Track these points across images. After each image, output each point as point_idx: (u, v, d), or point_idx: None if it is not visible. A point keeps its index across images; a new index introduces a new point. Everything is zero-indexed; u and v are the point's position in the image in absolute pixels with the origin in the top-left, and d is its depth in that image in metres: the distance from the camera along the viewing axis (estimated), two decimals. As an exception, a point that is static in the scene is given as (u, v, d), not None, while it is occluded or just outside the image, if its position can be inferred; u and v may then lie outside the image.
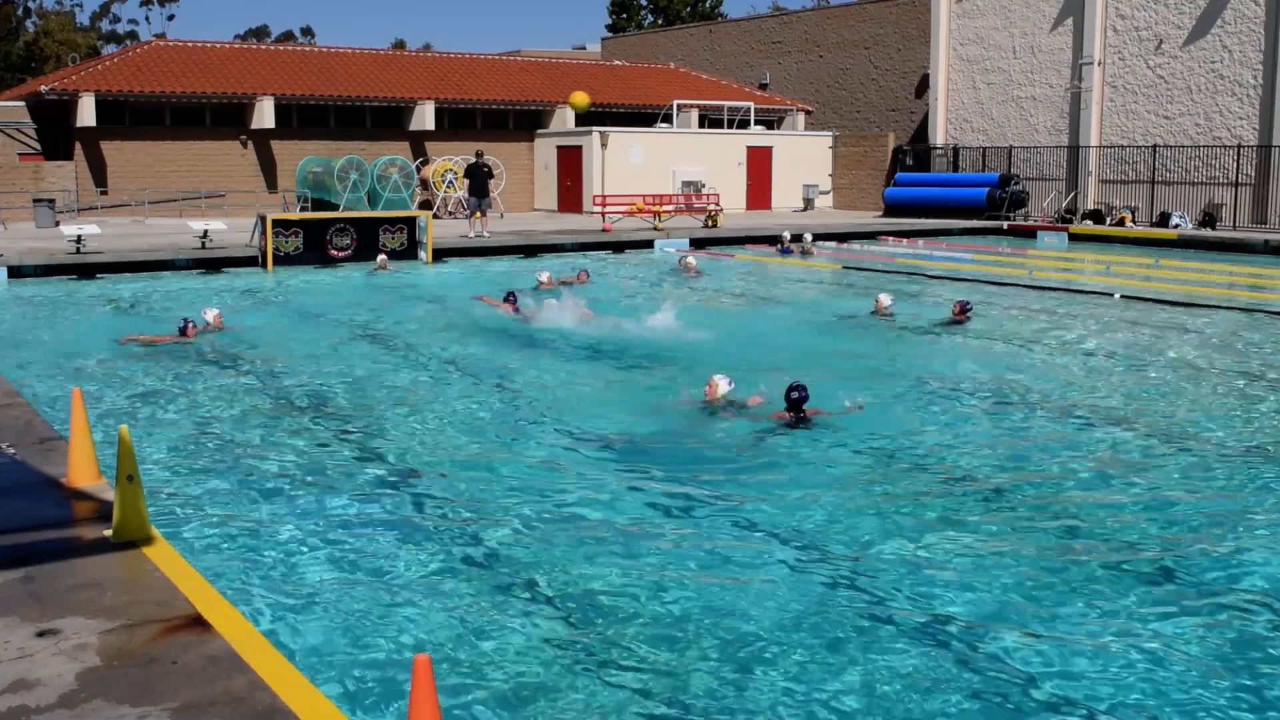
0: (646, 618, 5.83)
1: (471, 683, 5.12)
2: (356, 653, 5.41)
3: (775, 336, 14.71)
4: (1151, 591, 6.20)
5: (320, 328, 14.92)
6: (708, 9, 69.71)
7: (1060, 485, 8.23)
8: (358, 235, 22.86)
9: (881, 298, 15.85)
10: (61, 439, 7.50)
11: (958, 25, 37.28)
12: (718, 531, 7.12)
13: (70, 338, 14.10)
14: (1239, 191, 30.41)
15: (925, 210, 34.61)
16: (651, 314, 14.83)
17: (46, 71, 62.44)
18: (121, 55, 36.01)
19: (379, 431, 9.64)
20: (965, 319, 15.18)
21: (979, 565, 6.56)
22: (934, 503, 7.73)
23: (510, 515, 7.43)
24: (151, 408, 10.36)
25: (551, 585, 6.26)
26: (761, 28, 48.58)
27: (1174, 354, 13.44)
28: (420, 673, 3.38)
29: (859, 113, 43.68)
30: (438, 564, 6.57)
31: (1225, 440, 9.44)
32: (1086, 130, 33.78)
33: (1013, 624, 5.77)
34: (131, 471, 5.60)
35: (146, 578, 5.23)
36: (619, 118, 38.47)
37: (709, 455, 8.88)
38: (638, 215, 29.31)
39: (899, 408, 10.60)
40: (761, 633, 5.63)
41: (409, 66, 38.55)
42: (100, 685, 4.15)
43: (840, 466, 8.63)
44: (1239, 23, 30.44)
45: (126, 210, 31.88)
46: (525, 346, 13.61)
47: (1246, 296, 18.52)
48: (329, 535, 7.01)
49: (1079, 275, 22.60)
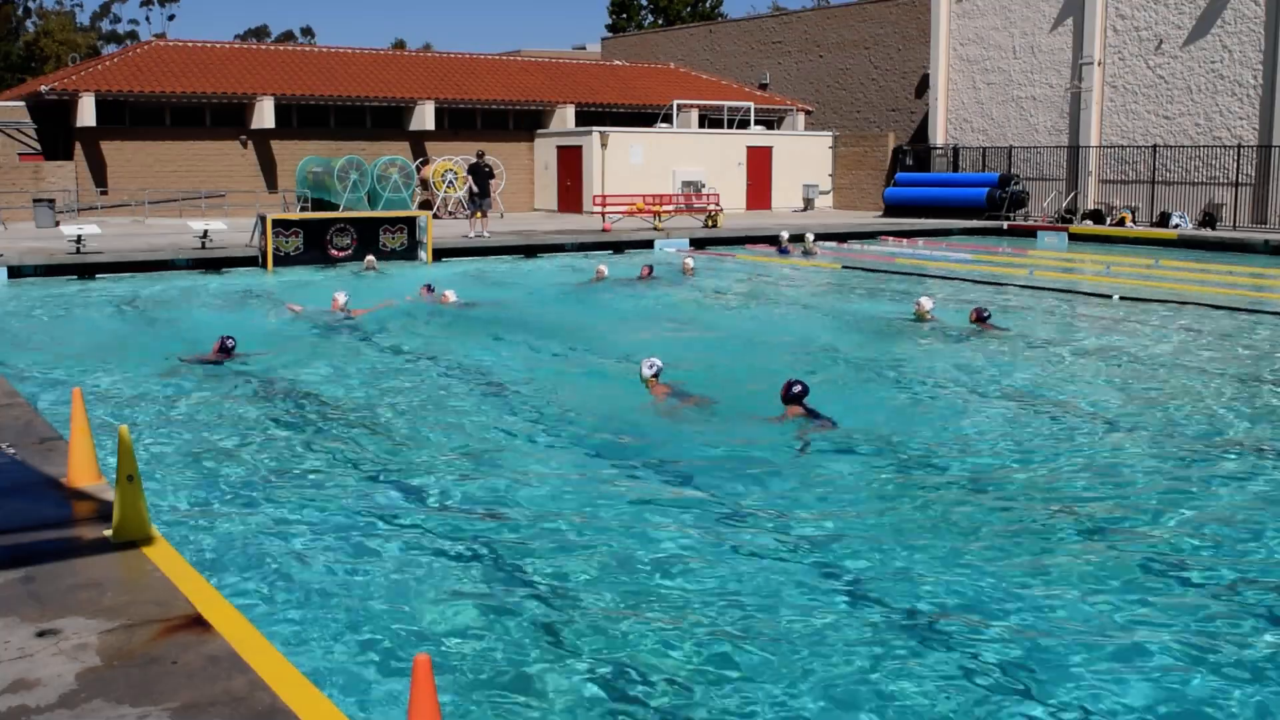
0: (648, 617, 5.83)
1: (472, 683, 5.12)
2: (356, 653, 5.41)
3: (772, 336, 14.70)
4: (1151, 590, 6.20)
5: (320, 328, 14.91)
6: (708, 9, 69.71)
7: (1057, 483, 8.23)
8: (358, 235, 22.86)
9: (923, 301, 15.31)
10: (61, 439, 7.50)
11: (958, 25, 37.28)
12: (716, 527, 7.12)
13: (70, 338, 14.09)
14: (1239, 191, 30.41)
15: (925, 210, 34.61)
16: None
17: (46, 71, 62.45)
18: (121, 55, 36.01)
19: (379, 432, 9.63)
20: (985, 325, 14.41)
21: (977, 563, 6.56)
22: (931, 500, 7.73)
23: (511, 515, 7.43)
24: (151, 407, 10.36)
25: (552, 585, 6.25)
26: (761, 28, 48.58)
27: (1174, 354, 13.43)
28: (420, 673, 3.38)
29: (859, 113, 43.68)
30: (439, 563, 6.57)
31: (1247, 442, 9.45)
32: (1086, 130, 33.78)
33: (1009, 620, 5.78)
34: (131, 471, 5.60)
35: (146, 578, 5.23)
36: (619, 118, 38.47)
37: (712, 454, 8.88)
38: (638, 215, 29.32)
39: (898, 407, 10.61)
40: (768, 630, 5.64)
41: (409, 66, 38.55)
42: (100, 685, 4.14)
43: (834, 465, 8.64)
44: (1239, 23, 30.43)
45: (126, 210, 31.87)
46: (518, 345, 13.61)
47: (1247, 296, 18.50)
48: (329, 535, 7.01)
49: (1079, 275, 22.60)
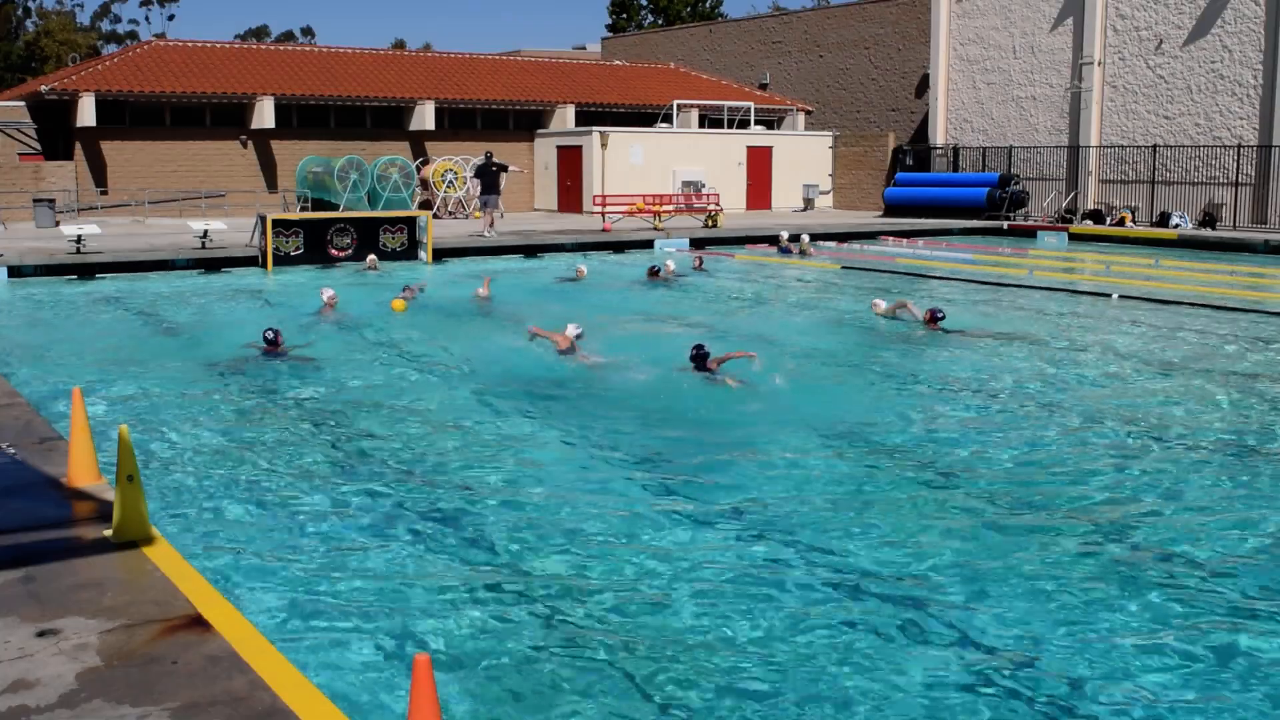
0: (650, 617, 5.83)
1: (472, 683, 5.13)
2: (356, 653, 5.41)
3: (769, 336, 14.72)
4: (1148, 589, 6.21)
5: (321, 329, 14.90)
6: (708, 9, 69.70)
7: (1052, 482, 8.23)
8: (358, 235, 22.86)
9: (878, 302, 15.97)
10: (61, 439, 7.50)
11: (958, 25, 37.28)
12: (709, 525, 7.12)
13: (70, 337, 14.09)
14: (1239, 191, 30.41)
15: (925, 210, 34.61)
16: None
17: (46, 71, 62.45)
18: (121, 55, 36.01)
19: (380, 432, 9.63)
20: (936, 327, 14.52)
21: (973, 559, 6.57)
22: (927, 497, 7.74)
23: (512, 515, 7.43)
24: (152, 407, 10.36)
25: (553, 585, 6.26)
26: (761, 28, 48.58)
27: (1173, 354, 13.43)
28: (420, 673, 3.38)
29: (859, 113, 43.68)
30: (439, 563, 6.57)
31: (1241, 444, 9.45)
32: (1086, 130, 33.78)
33: (1006, 618, 5.78)
34: (131, 471, 5.60)
35: (146, 578, 5.23)
36: (619, 118, 38.47)
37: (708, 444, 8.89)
38: (638, 215, 29.32)
39: (896, 407, 10.61)
40: (768, 630, 5.65)
41: (409, 66, 38.55)
42: (100, 685, 4.14)
43: (825, 464, 8.64)
44: (1239, 23, 30.44)
45: (126, 210, 31.87)
46: (513, 347, 13.61)
47: (1247, 296, 18.50)
48: (329, 535, 7.02)
49: (1079, 275, 22.60)
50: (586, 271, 20.33)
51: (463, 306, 16.44)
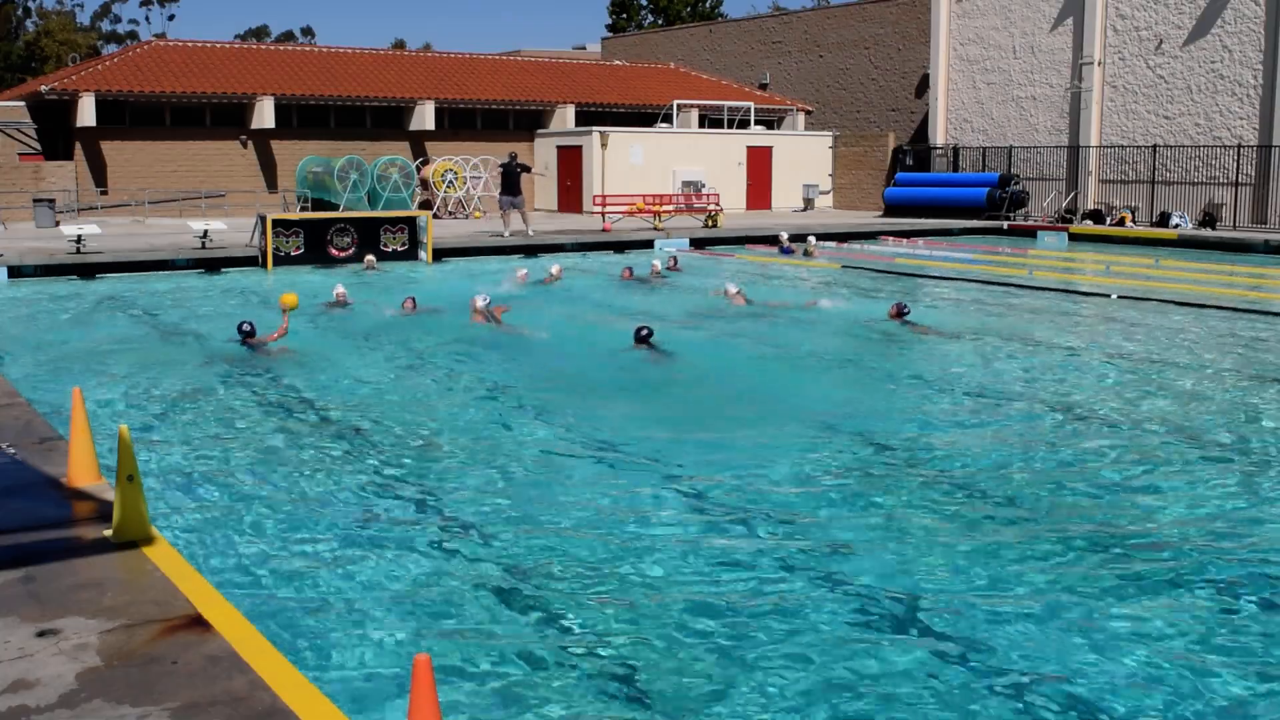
0: (650, 616, 5.83)
1: (472, 682, 5.12)
2: (356, 653, 5.41)
3: (765, 334, 14.72)
4: (1148, 589, 6.21)
5: (321, 329, 14.91)
6: (708, 9, 69.71)
7: (1052, 482, 8.23)
8: (358, 235, 22.86)
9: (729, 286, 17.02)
10: (61, 439, 7.50)
11: (958, 25, 37.28)
12: (704, 521, 7.12)
13: (70, 337, 14.09)
14: (1239, 191, 30.41)
15: (925, 210, 34.62)
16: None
17: (46, 71, 62.46)
18: (121, 55, 36.02)
19: (380, 432, 9.63)
20: (902, 320, 14.61)
21: (970, 558, 6.57)
22: (924, 496, 7.74)
23: (512, 515, 7.43)
24: (152, 406, 10.36)
25: (553, 585, 6.25)
26: (761, 28, 48.59)
27: (1173, 354, 13.43)
28: (420, 673, 3.38)
29: (859, 113, 43.68)
30: (439, 563, 6.57)
31: (1243, 446, 9.45)
32: (1086, 130, 33.79)
33: (1003, 616, 5.78)
34: (131, 471, 5.60)
35: (146, 578, 5.23)
36: (619, 118, 38.48)
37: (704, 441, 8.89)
38: (638, 215, 29.32)
39: (897, 406, 10.61)
40: (767, 627, 5.65)
41: (409, 66, 38.56)
42: (100, 685, 4.14)
43: (821, 463, 8.65)
44: (1239, 23, 30.44)
45: (126, 210, 31.88)
46: (512, 348, 13.62)
47: (1246, 296, 18.50)
48: (330, 534, 7.01)
49: (1079, 275, 22.60)
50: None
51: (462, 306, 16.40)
